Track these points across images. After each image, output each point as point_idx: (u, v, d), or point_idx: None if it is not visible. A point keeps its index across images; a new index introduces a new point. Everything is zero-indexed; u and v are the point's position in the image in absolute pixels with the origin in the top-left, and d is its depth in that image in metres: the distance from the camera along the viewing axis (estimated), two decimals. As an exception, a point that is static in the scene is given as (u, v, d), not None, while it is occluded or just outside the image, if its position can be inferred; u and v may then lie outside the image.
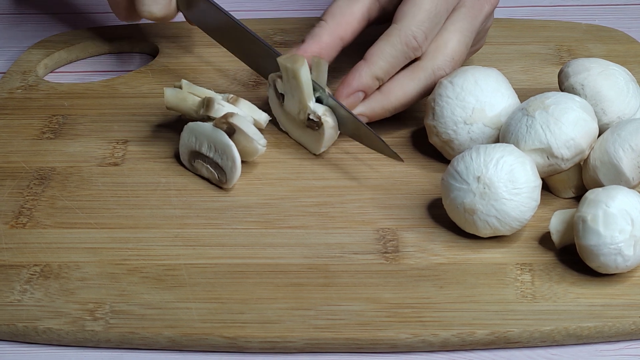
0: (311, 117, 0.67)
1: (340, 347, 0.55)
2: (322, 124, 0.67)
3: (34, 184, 0.67)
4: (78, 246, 0.61)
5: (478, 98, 0.65)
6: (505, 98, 0.66)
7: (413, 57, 0.68)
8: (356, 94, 0.68)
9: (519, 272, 0.59)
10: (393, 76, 0.68)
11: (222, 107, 0.66)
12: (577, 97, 0.63)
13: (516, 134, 0.62)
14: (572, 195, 0.64)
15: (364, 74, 0.67)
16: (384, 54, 0.67)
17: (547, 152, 0.61)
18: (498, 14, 0.88)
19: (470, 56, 0.75)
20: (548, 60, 0.80)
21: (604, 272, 0.58)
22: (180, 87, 0.68)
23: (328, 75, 0.68)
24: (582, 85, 0.65)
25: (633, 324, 0.56)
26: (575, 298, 0.57)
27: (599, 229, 0.56)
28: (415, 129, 0.72)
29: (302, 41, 0.70)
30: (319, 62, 0.67)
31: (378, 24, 0.72)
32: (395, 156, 0.66)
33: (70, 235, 0.62)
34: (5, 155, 0.70)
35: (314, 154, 0.69)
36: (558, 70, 0.69)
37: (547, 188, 0.65)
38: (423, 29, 0.67)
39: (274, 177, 0.67)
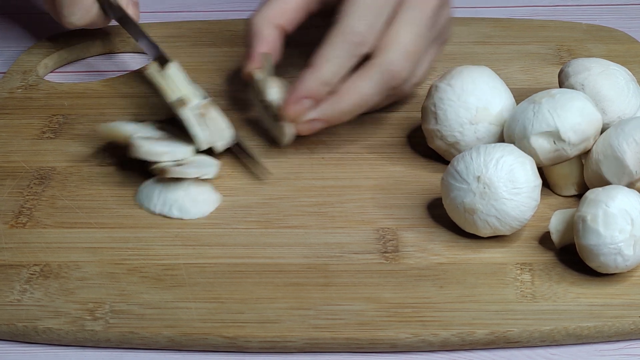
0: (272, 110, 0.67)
1: (340, 347, 0.55)
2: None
3: (34, 183, 0.67)
4: (78, 246, 0.61)
5: (479, 97, 0.65)
6: (504, 95, 0.66)
7: (361, 54, 0.65)
8: (302, 101, 0.65)
9: (519, 271, 0.59)
10: (347, 77, 0.66)
11: (141, 147, 0.64)
12: (581, 93, 0.63)
13: (523, 120, 0.62)
14: (574, 192, 0.64)
15: (308, 79, 0.65)
16: (328, 56, 0.65)
17: (554, 135, 0.61)
18: (498, 14, 0.89)
19: (440, 50, 0.73)
20: (548, 60, 0.80)
21: (603, 272, 0.58)
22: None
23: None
24: (583, 85, 0.65)
25: (633, 324, 0.56)
26: (575, 298, 0.57)
27: (599, 229, 0.56)
28: (415, 129, 0.72)
29: (247, 47, 0.69)
30: (265, 56, 0.67)
31: (323, 18, 0.70)
32: (263, 171, 0.66)
33: (70, 234, 0.62)
34: (6, 155, 0.70)
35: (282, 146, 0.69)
36: (558, 70, 0.69)
37: (548, 186, 0.65)
38: (365, 21, 0.64)
39: (274, 177, 0.67)
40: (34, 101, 0.76)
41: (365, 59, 0.66)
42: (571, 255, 0.59)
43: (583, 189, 0.63)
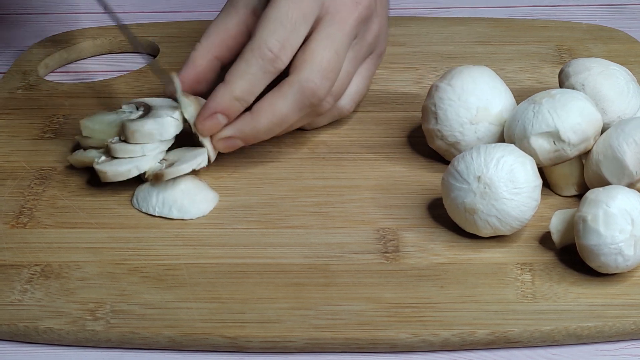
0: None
1: (340, 347, 0.55)
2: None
3: (35, 183, 0.67)
4: (79, 246, 0.61)
5: (479, 97, 0.65)
6: (504, 95, 0.66)
7: (275, 71, 0.64)
8: (215, 117, 0.64)
9: (519, 271, 0.59)
10: (263, 95, 0.65)
11: (105, 172, 0.64)
12: (581, 93, 0.63)
13: (523, 120, 0.62)
14: (574, 192, 0.65)
15: (220, 95, 0.64)
16: (240, 72, 0.64)
17: (554, 136, 0.61)
18: (498, 14, 0.89)
19: (376, 63, 0.72)
20: (548, 60, 0.80)
21: (604, 272, 0.58)
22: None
23: None
24: (583, 85, 0.65)
25: (633, 324, 0.56)
26: (575, 298, 0.57)
27: (599, 229, 0.56)
28: (415, 129, 0.72)
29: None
30: (172, 76, 0.67)
31: None
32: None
33: (71, 235, 0.62)
34: (6, 155, 0.70)
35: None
36: (558, 70, 0.69)
37: (549, 186, 0.65)
38: (276, 37, 0.64)
39: (274, 177, 0.67)
40: (34, 101, 0.76)
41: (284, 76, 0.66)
42: (571, 255, 0.59)
43: (583, 189, 0.64)
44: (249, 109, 0.65)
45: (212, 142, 0.66)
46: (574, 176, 0.64)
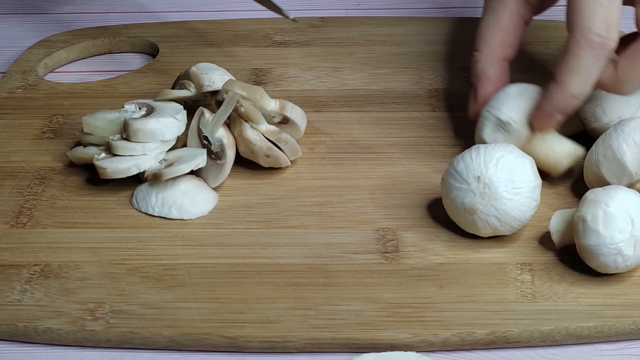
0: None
1: (340, 347, 0.55)
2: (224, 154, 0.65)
3: (34, 183, 0.67)
4: (78, 246, 0.61)
5: None
6: None
7: (607, 54, 0.61)
8: (552, 116, 0.63)
9: (519, 271, 0.59)
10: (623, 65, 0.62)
11: (105, 169, 0.64)
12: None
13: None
14: (565, 166, 0.64)
15: (556, 96, 0.62)
16: (573, 68, 0.61)
17: (500, 124, 0.64)
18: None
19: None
20: (548, 61, 0.80)
21: (603, 272, 0.58)
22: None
23: None
24: (582, 85, 0.65)
25: (633, 324, 0.56)
26: (575, 298, 0.57)
27: (598, 229, 0.56)
28: (415, 129, 0.72)
29: (473, 86, 0.67)
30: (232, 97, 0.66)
31: (539, 14, 0.69)
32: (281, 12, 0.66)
33: (70, 235, 0.62)
34: (6, 155, 0.70)
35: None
36: (558, 70, 0.69)
37: (548, 181, 0.65)
38: (599, 20, 0.60)
39: (274, 177, 0.67)
40: (34, 101, 0.76)
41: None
42: (571, 255, 0.59)
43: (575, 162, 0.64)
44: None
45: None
46: (558, 150, 0.64)
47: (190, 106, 0.70)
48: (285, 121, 0.67)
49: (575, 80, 0.61)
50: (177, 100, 0.71)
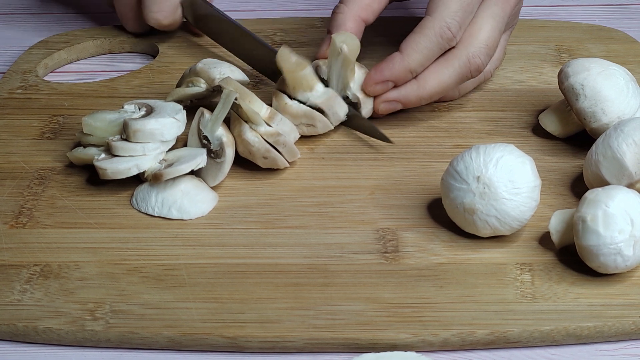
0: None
1: (340, 347, 0.55)
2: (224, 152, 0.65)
3: (34, 183, 0.67)
4: (78, 246, 0.61)
5: None
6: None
7: (447, 48, 0.69)
8: (386, 83, 0.69)
9: (518, 272, 0.59)
10: (428, 65, 0.70)
11: (105, 169, 0.64)
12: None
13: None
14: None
15: (397, 65, 0.69)
16: (418, 46, 0.68)
17: None
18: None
19: (509, 34, 0.76)
20: (548, 60, 0.80)
21: (603, 272, 0.58)
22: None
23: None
24: (582, 85, 0.65)
25: (633, 324, 0.56)
26: (575, 298, 0.57)
27: (598, 229, 0.56)
28: (415, 129, 0.72)
29: (328, 32, 0.71)
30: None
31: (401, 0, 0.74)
32: (384, 138, 0.69)
33: (70, 235, 0.62)
34: (6, 155, 0.70)
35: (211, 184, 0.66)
36: (558, 71, 0.69)
37: (547, 183, 0.65)
38: (457, 19, 0.68)
39: (274, 177, 0.67)
40: (33, 101, 0.76)
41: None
42: (571, 256, 0.59)
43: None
44: None
45: (375, 102, 0.70)
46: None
47: (193, 106, 0.70)
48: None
49: (418, 58, 0.69)
50: (190, 98, 0.71)
